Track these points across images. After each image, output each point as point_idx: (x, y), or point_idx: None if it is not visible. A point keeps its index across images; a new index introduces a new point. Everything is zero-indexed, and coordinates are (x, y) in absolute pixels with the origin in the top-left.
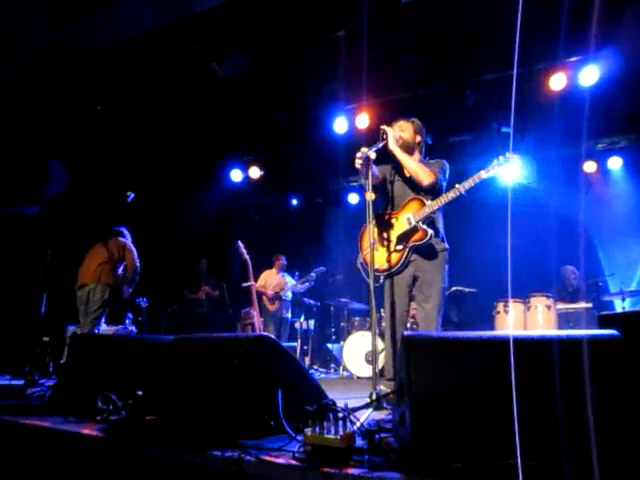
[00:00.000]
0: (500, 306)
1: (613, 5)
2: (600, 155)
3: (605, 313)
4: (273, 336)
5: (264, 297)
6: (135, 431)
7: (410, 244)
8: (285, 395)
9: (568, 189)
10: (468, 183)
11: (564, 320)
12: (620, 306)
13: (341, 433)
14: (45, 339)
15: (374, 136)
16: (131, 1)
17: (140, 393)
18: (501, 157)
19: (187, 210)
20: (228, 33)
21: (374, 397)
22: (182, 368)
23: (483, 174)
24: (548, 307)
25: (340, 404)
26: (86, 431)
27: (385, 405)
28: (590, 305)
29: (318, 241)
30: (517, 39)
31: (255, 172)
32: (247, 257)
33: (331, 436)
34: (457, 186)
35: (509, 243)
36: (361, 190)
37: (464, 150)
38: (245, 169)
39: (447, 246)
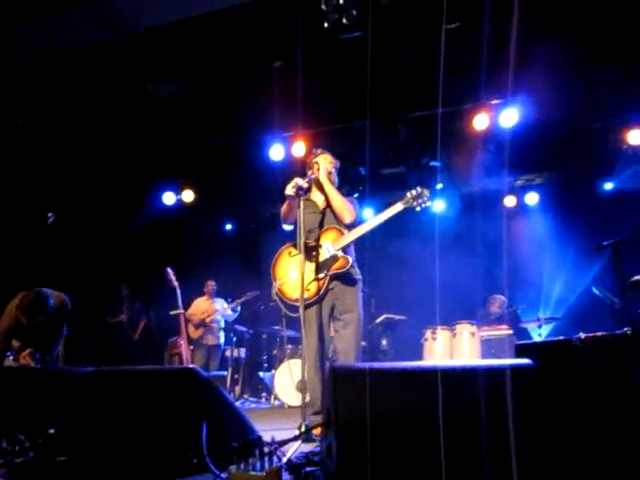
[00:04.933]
0: (428, 333)
1: (528, 56)
2: (519, 190)
3: (521, 343)
4: (199, 368)
5: (189, 324)
6: (42, 474)
7: (331, 272)
8: (210, 430)
9: (491, 221)
10: (387, 214)
11: (487, 346)
12: (537, 333)
13: (267, 469)
14: None
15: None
16: (68, 15)
17: (52, 431)
18: (413, 191)
19: (114, 233)
20: (164, 56)
21: (303, 429)
22: (101, 403)
23: (399, 205)
24: (472, 334)
25: (269, 436)
26: None
27: (314, 437)
28: (511, 332)
29: (252, 267)
30: (441, 80)
31: (188, 195)
32: (176, 284)
33: (256, 473)
34: (376, 216)
35: (437, 273)
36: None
37: (396, 182)
38: (178, 192)
39: (361, 276)
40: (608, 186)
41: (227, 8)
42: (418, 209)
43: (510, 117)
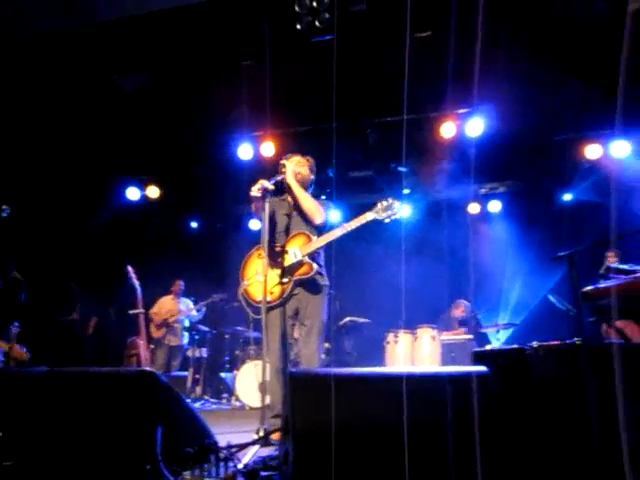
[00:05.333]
0: (390, 336)
1: (494, 68)
2: (483, 198)
3: (478, 350)
4: (157, 369)
5: (151, 323)
6: None
7: (295, 277)
8: (165, 435)
9: (455, 227)
10: (355, 223)
11: (447, 350)
12: (495, 337)
13: (222, 475)
14: None
15: (277, 166)
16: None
17: None
18: (384, 202)
19: (74, 228)
20: (132, 48)
21: (261, 433)
22: (51, 406)
23: (368, 216)
24: (433, 338)
25: (227, 439)
26: None
27: (273, 441)
28: (471, 336)
29: (218, 267)
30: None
31: (154, 192)
32: (136, 283)
33: (211, 479)
34: (344, 225)
35: (401, 277)
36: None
37: (364, 185)
38: (143, 188)
39: (328, 283)
40: (567, 197)
41: (198, 3)
42: (387, 220)
43: (476, 127)
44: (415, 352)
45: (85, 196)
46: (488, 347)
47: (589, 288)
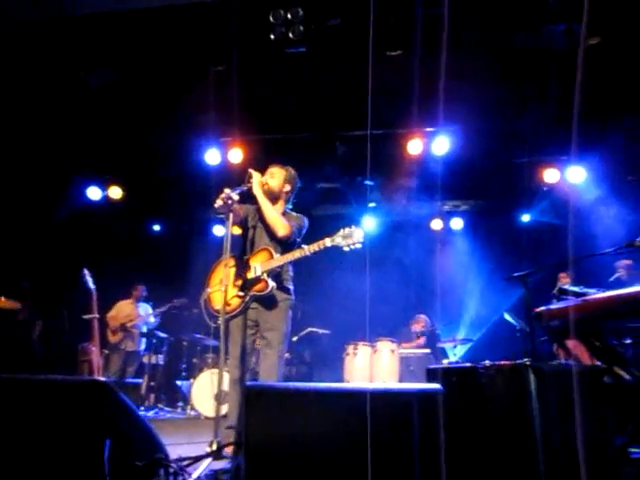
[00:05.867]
0: (350, 348)
1: (461, 90)
2: (445, 215)
3: (432, 367)
4: (110, 376)
5: (107, 328)
6: None
7: (251, 293)
8: (114, 448)
9: (418, 242)
10: (314, 247)
11: (405, 364)
12: (452, 352)
13: None
14: None
15: (244, 174)
16: None
17: None
18: (347, 229)
19: (30, 225)
20: (100, 45)
21: (214, 446)
22: None
23: (327, 242)
24: (392, 351)
25: (179, 452)
26: None
27: (225, 454)
28: (429, 351)
29: (180, 271)
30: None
31: (116, 192)
32: (92, 286)
33: None
34: (304, 247)
35: (363, 290)
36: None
37: (330, 197)
38: (105, 188)
39: (293, 297)
40: (526, 218)
41: (173, 5)
42: (346, 249)
43: (442, 145)
44: (374, 365)
45: (44, 193)
46: (445, 361)
47: (541, 309)
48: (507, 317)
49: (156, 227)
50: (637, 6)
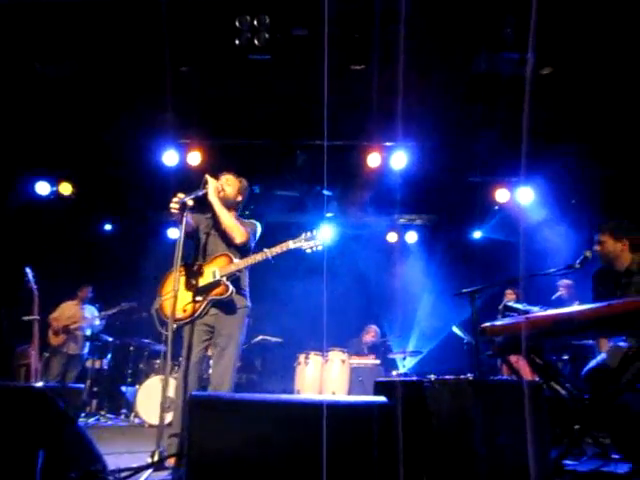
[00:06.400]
0: (301, 357)
1: (421, 108)
2: (401, 228)
3: (380, 380)
4: (50, 379)
5: (49, 329)
6: None
7: (210, 297)
8: (47, 459)
9: (374, 254)
10: (276, 250)
11: (356, 374)
12: (402, 364)
13: None
14: None
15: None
16: None
17: None
18: (309, 233)
19: None
20: (57, 34)
21: (156, 457)
22: None
23: (290, 244)
24: (343, 361)
25: (119, 461)
26: None
27: (168, 465)
28: (379, 362)
29: (130, 273)
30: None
31: (66, 188)
32: (34, 287)
33: None
34: (265, 250)
35: (325, 302)
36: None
37: (289, 205)
38: (55, 183)
39: (249, 303)
40: (477, 235)
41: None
42: (308, 251)
43: (400, 160)
44: (324, 374)
45: None
46: (394, 373)
47: (486, 324)
48: (456, 330)
49: (107, 227)
50: (585, 42)
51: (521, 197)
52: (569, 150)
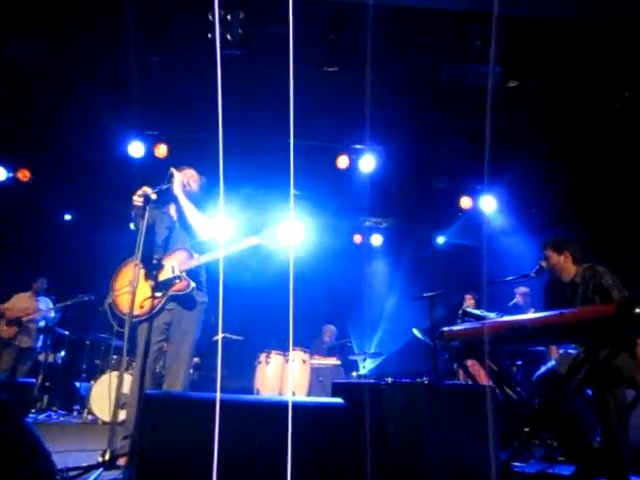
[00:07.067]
0: (262, 356)
1: (389, 114)
2: (367, 230)
3: (338, 382)
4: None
5: (1, 320)
6: None
7: (170, 292)
8: None
9: (339, 255)
10: (238, 246)
11: (316, 374)
12: (362, 365)
13: None
14: None
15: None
16: None
17: None
18: (272, 229)
19: None
20: (22, 14)
21: (107, 456)
22: None
23: (254, 240)
24: (304, 361)
25: (69, 460)
26: None
27: (120, 464)
28: (339, 362)
29: (88, 265)
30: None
31: (24, 175)
32: None
33: None
34: (228, 246)
35: (290, 302)
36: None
37: (255, 202)
38: (13, 169)
39: (207, 299)
40: (441, 240)
41: None
42: (272, 247)
43: (368, 163)
44: (285, 374)
45: None
46: (354, 374)
47: (445, 329)
48: (416, 333)
49: (67, 217)
50: (550, 59)
51: (484, 205)
52: (530, 161)
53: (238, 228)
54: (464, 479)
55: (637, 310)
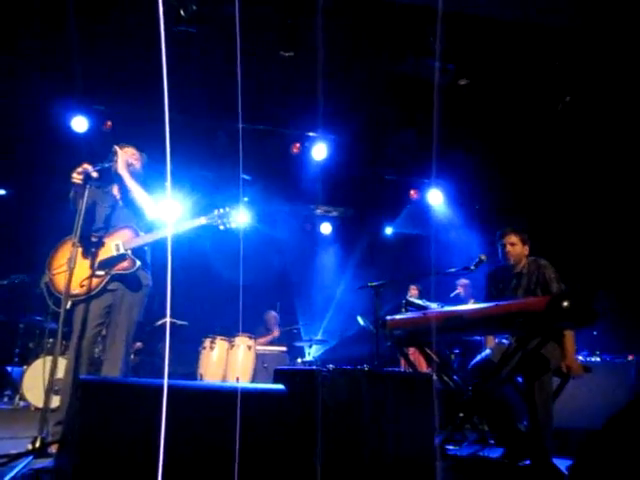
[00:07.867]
0: (207, 342)
1: (342, 103)
2: (317, 219)
3: (279, 368)
4: None
5: None
6: None
7: (113, 272)
8: None
9: (289, 242)
10: (186, 225)
11: (261, 360)
12: (308, 352)
13: None
14: None
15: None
16: None
17: None
18: (221, 209)
19: None
20: None
21: (38, 443)
22: None
23: (203, 220)
24: (249, 347)
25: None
26: None
27: (51, 452)
28: (284, 349)
29: (23, 244)
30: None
31: None
32: None
33: None
34: (176, 225)
35: (238, 287)
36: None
37: (206, 185)
38: None
39: (151, 283)
40: (389, 230)
41: None
42: (221, 227)
43: (320, 151)
44: (229, 359)
45: None
46: (299, 360)
47: (388, 318)
48: (360, 320)
49: (0, 191)
50: (500, 60)
51: (431, 198)
52: (475, 158)
53: (185, 210)
54: (404, 465)
55: (565, 304)
